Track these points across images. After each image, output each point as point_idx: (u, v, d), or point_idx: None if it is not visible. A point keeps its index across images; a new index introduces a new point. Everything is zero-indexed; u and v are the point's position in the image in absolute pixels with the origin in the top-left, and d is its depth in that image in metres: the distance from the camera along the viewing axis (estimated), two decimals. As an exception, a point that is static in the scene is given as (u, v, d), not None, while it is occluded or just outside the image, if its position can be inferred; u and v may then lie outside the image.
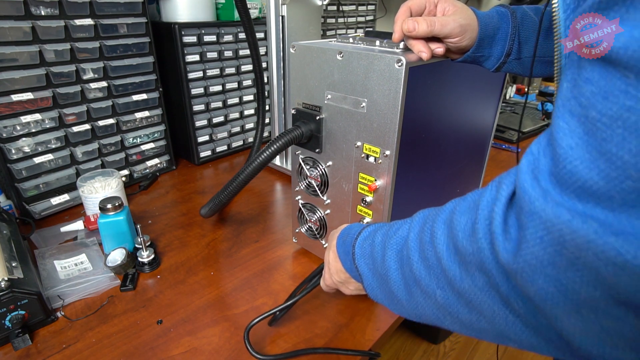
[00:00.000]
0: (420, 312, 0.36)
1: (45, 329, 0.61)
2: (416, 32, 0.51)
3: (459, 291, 0.30)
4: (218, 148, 1.22)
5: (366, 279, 0.43)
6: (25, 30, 0.77)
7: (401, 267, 0.37)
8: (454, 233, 0.30)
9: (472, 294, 0.29)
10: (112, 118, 0.96)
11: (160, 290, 0.69)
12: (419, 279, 0.34)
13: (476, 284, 0.29)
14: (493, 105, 0.89)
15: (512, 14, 0.55)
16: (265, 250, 0.81)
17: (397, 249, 0.38)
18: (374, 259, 0.41)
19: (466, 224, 0.29)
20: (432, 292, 0.33)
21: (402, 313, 0.39)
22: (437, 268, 0.32)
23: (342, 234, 0.50)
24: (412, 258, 0.34)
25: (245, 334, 0.56)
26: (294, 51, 0.64)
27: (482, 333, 0.31)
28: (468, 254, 0.29)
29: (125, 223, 0.74)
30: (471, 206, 0.30)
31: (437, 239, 0.32)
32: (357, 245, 0.45)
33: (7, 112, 0.79)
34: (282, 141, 0.63)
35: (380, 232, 0.42)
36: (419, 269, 0.34)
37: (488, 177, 1.14)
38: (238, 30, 1.14)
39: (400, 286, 0.37)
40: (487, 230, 0.27)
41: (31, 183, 0.85)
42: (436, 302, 0.33)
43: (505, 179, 0.28)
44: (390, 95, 0.54)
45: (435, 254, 0.32)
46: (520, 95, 2.04)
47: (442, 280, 0.32)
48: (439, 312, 0.33)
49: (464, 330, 0.33)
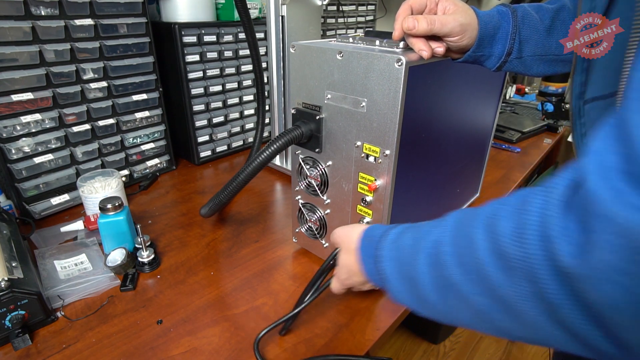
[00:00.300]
0: (454, 316, 0.35)
1: (45, 329, 0.61)
2: (416, 30, 0.51)
3: (500, 298, 0.29)
4: (218, 148, 1.22)
5: (391, 282, 0.42)
6: (25, 30, 0.77)
7: (433, 271, 0.36)
8: (497, 239, 0.29)
9: (515, 302, 0.28)
10: (112, 118, 0.96)
11: (160, 290, 0.69)
12: (454, 284, 0.33)
13: (520, 291, 0.28)
14: (493, 105, 0.89)
15: (512, 13, 0.55)
16: (265, 250, 0.81)
17: (428, 252, 0.37)
18: (402, 262, 0.40)
19: (512, 229, 0.28)
20: (469, 298, 0.32)
21: (433, 316, 0.39)
22: (476, 274, 0.31)
23: (365, 236, 0.49)
24: (447, 263, 0.33)
25: (255, 345, 0.56)
26: (294, 51, 0.64)
27: (520, 339, 0.31)
28: (515, 260, 0.27)
29: (125, 223, 0.74)
30: (515, 210, 0.28)
31: (477, 244, 0.30)
32: (383, 248, 0.43)
33: (7, 112, 0.79)
34: (282, 141, 0.63)
35: (408, 234, 0.41)
36: (456, 274, 0.32)
37: (488, 176, 1.14)
38: (238, 30, 1.14)
39: (432, 290, 0.36)
40: (539, 235, 0.26)
41: (31, 183, 0.85)
42: (473, 308, 0.32)
43: (557, 181, 0.26)
44: (390, 94, 0.54)
45: (475, 259, 0.31)
46: (520, 95, 2.04)
47: (482, 287, 0.30)
48: (475, 317, 0.33)
49: (500, 335, 0.32)
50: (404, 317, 0.68)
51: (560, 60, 0.56)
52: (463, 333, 1.73)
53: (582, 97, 0.46)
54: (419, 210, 0.74)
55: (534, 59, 0.56)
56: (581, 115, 0.46)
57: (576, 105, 0.46)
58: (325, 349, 0.59)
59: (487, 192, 1.06)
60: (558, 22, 0.54)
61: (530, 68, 0.57)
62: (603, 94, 0.43)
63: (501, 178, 1.15)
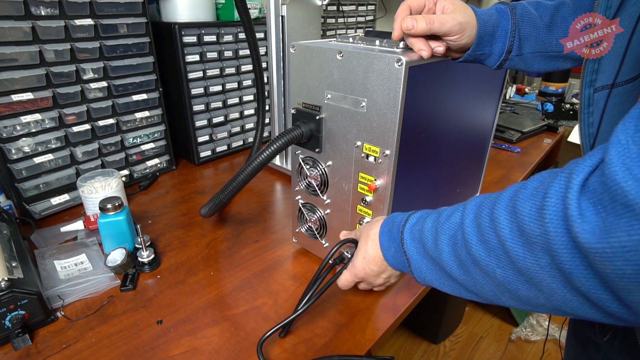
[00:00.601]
0: (478, 289, 0.39)
1: (45, 329, 0.61)
2: (415, 30, 0.51)
3: (520, 270, 0.33)
4: (218, 148, 1.22)
5: (415, 262, 0.46)
6: (25, 30, 0.77)
7: (455, 250, 0.39)
8: (519, 218, 0.32)
9: (534, 272, 0.32)
10: (112, 118, 0.96)
11: (160, 290, 0.69)
12: (478, 259, 0.36)
13: (539, 263, 0.31)
14: (493, 105, 0.89)
15: (511, 11, 0.55)
16: (265, 250, 0.81)
17: (450, 233, 0.40)
18: (424, 243, 0.44)
19: (531, 209, 0.31)
20: (492, 272, 0.35)
21: (455, 291, 0.42)
22: (498, 249, 0.34)
23: (386, 223, 0.52)
24: (470, 241, 0.37)
25: (259, 347, 0.56)
26: (294, 51, 0.64)
27: (538, 307, 0.34)
28: (534, 236, 0.31)
29: (125, 223, 0.74)
30: (534, 193, 0.32)
31: (499, 224, 0.34)
32: (405, 232, 0.47)
33: (7, 112, 0.79)
34: (282, 141, 0.63)
35: (430, 219, 0.44)
36: (478, 250, 0.36)
37: (488, 176, 1.14)
38: (238, 30, 1.14)
39: (454, 267, 0.40)
40: (558, 215, 0.29)
41: (31, 183, 0.85)
42: (495, 280, 0.35)
43: (577, 169, 0.29)
44: (390, 94, 0.54)
45: (497, 236, 0.34)
46: (520, 95, 2.04)
47: (504, 261, 0.34)
48: (497, 289, 0.36)
49: (520, 305, 0.36)
50: (404, 317, 0.68)
51: (560, 56, 0.56)
52: (463, 333, 1.73)
53: (593, 85, 0.46)
54: (419, 210, 0.74)
55: (534, 55, 0.56)
56: (590, 103, 0.47)
57: (586, 94, 0.47)
58: (325, 349, 0.59)
59: (487, 192, 1.05)
60: (558, 18, 0.55)
61: (531, 65, 0.57)
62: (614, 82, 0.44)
63: (501, 178, 1.15)
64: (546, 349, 1.64)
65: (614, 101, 0.45)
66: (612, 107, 0.45)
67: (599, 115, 0.46)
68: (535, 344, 1.67)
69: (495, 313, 1.83)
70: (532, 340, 1.68)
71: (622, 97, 0.44)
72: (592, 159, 0.29)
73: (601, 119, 0.46)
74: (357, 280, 0.57)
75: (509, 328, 1.75)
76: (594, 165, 0.28)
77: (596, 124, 0.47)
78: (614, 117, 0.45)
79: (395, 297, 0.69)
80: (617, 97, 0.44)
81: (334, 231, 0.71)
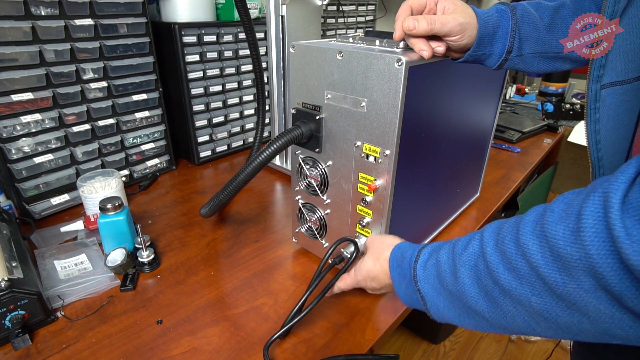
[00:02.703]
0: (508, 321, 0.36)
1: (45, 329, 0.61)
2: (416, 30, 0.51)
3: (560, 295, 0.31)
4: (218, 148, 1.22)
5: (430, 300, 0.43)
6: (25, 30, 0.77)
7: (478, 281, 0.37)
8: (551, 242, 0.31)
9: (577, 297, 0.30)
10: (112, 118, 0.96)
11: (160, 290, 0.69)
12: (508, 289, 0.34)
13: (582, 287, 0.30)
14: (493, 105, 0.89)
15: (512, 11, 0.55)
16: (265, 250, 0.81)
17: (470, 264, 0.38)
18: (442, 278, 0.42)
19: (564, 232, 0.30)
20: (526, 300, 0.33)
21: (478, 326, 0.40)
22: (531, 276, 0.33)
23: (395, 257, 0.51)
24: (496, 270, 0.35)
25: (265, 351, 0.57)
26: (293, 51, 0.64)
27: (581, 334, 0.33)
28: (573, 260, 0.29)
29: (125, 223, 0.74)
30: (564, 216, 0.31)
31: (528, 250, 0.32)
32: (418, 268, 0.45)
33: (7, 112, 0.79)
34: (282, 141, 0.63)
35: (444, 251, 0.43)
36: (507, 280, 0.34)
37: (488, 176, 1.14)
38: (238, 30, 1.14)
39: (479, 299, 0.38)
40: (599, 236, 0.28)
41: (31, 183, 0.85)
42: (530, 309, 0.34)
43: (612, 187, 0.28)
44: (390, 94, 0.54)
45: (528, 263, 0.33)
46: (520, 95, 2.04)
47: (539, 288, 0.32)
48: (532, 319, 0.34)
49: (559, 334, 0.34)
50: (404, 317, 0.68)
51: (560, 57, 0.56)
52: (463, 333, 1.73)
53: (600, 81, 0.46)
54: (419, 210, 0.74)
55: (534, 56, 0.56)
56: (596, 99, 0.46)
57: (592, 89, 0.47)
58: (325, 349, 0.59)
59: (487, 192, 1.06)
60: (558, 19, 0.55)
61: (531, 65, 0.57)
62: (622, 79, 0.44)
63: (501, 178, 1.15)
64: (546, 349, 1.64)
65: (621, 98, 0.44)
66: (619, 104, 0.45)
67: (606, 111, 0.46)
68: (535, 344, 1.67)
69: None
70: (532, 341, 1.68)
71: (630, 94, 0.44)
72: (625, 174, 0.28)
73: (607, 116, 0.46)
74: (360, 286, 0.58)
75: (509, 328, 1.75)
76: (629, 180, 0.28)
77: (602, 121, 0.46)
78: (621, 114, 0.45)
79: (395, 297, 0.69)
80: (624, 94, 0.44)
81: (334, 231, 0.71)
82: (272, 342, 0.57)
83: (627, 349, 0.49)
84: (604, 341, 0.32)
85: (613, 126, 0.46)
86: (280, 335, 0.58)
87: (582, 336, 0.33)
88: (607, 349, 0.53)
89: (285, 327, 0.57)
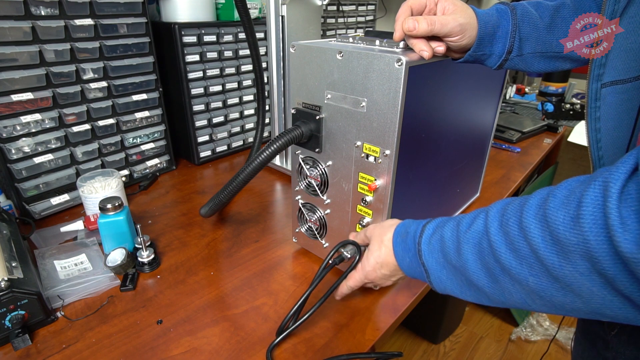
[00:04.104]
0: (506, 297, 0.38)
1: (45, 329, 0.61)
2: (417, 31, 0.51)
3: (556, 277, 0.33)
4: (218, 148, 1.22)
5: (434, 273, 0.46)
6: (25, 30, 0.77)
7: (481, 258, 0.39)
8: (551, 226, 0.32)
9: (572, 279, 0.32)
10: (112, 118, 0.96)
11: (160, 290, 0.69)
12: (508, 268, 0.36)
13: (577, 270, 0.31)
14: (493, 105, 0.89)
15: (512, 11, 0.55)
16: (265, 250, 0.81)
17: (474, 241, 0.40)
18: (446, 253, 0.43)
19: (565, 218, 0.31)
20: (524, 280, 0.35)
21: (478, 299, 0.42)
22: (530, 258, 0.34)
23: (399, 233, 0.52)
24: (498, 249, 0.37)
25: (268, 353, 0.57)
26: (293, 51, 0.64)
27: (574, 312, 0.35)
28: (571, 244, 0.31)
29: (125, 223, 0.74)
30: (565, 202, 0.32)
31: (530, 232, 0.34)
32: (422, 243, 0.47)
33: (7, 112, 0.79)
34: (282, 141, 0.63)
35: (448, 227, 0.44)
36: (508, 259, 0.36)
37: (488, 176, 1.14)
38: (238, 30, 1.14)
39: (481, 275, 0.39)
40: (597, 223, 0.29)
41: (31, 183, 0.85)
42: (527, 287, 0.35)
43: (612, 177, 0.29)
44: (390, 94, 0.54)
45: (528, 245, 0.34)
46: (520, 95, 2.04)
47: (537, 269, 0.34)
48: (528, 296, 0.36)
49: (552, 310, 0.36)
50: (404, 317, 0.68)
51: (561, 57, 0.56)
52: (463, 333, 1.73)
53: (600, 80, 0.46)
54: (419, 210, 0.74)
55: (534, 56, 0.56)
56: (597, 98, 0.47)
57: (593, 88, 0.47)
58: (325, 349, 0.59)
59: (487, 192, 1.06)
60: (558, 19, 0.55)
61: (532, 65, 0.58)
62: (623, 78, 0.44)
63: (501, 178, 1.15)
64: (546, 349, 1.64)
65: (622, 97, 0.44)
66: (620, 103, 0.45)
67: (606, 110, 0.46)
68: (535, 344, 1.67)
69: (495, 313, 1.83)
70: (532, 340, 1.68)
71: (631, 93, 0.44)
72: (625, 165, 0.29)
73: (608, 114, 0.46)
74: (367, 282, 0.58)
75: (509, 328, 1.75)
76: (628, 171, 0.29)
77: (603, 119, 0.47)
78: (621, 113, 0.45)
79: (395, 297, 0.69)
80: (625, 93, 0.44)
81: (334, 231, 0.71)
82: (261, 339, 0.57)
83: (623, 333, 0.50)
84: (594, 318, 0.34)
85: (613, 125, 0.46)
86: (282, 337, 0.58)
87: (574, 313, 0.35)
88: (608, 346, 0.53)
89: (290, 329, 0.57)
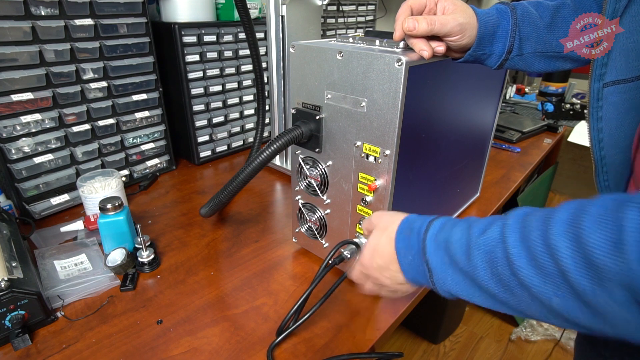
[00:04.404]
0: (523, 307, 0.36)
1: (45, 329, 0.61)
2: (416, 30, 0.51)
3: (587, 303, 0.30)
4: (218, 148, 1.22)
5: (438, 273, 0.42)
6: (25, 30, 0.77)
7: (492, 268, 0.36)
8: (586, 250, 0.29)
9: (606, 306, 0.29)
10: (112, 118, 0.96)
11: (160, 290, 0.69)
12: (528, 285, 0.33)
13: (614, 299, 0.28)
14: (493, 105, 0.89)
15: (512, 11, 0.55)
16: (265, 250, 0.81)
17: (486, 249, 0.37)
18: (452, 255, 0.40)
19: (604, 243, 0.28)
20: (546, 299, 0.33)
21: (489, 305, 0.39)
22: (557, 278, 0.31)
23: (403, 229, 0.48)
24: (517, 263, 0.34)
25: (269, 352, 0.57)
26: (293, 51, 0.64)
27: (597, 332, 0.32)
28: (610, 272, 0.28)
29: (125, 223, 0.74)
30: (601, 222, 0.29)
31: (559, 252, 0.31)
32: (428, 239, 0.43)
33: (7, 112, 0.79)
34: (282, 141, 0.63)
35: (457, 229, 0.41)
36: (529, 275, 0.33)
37: (488, 176, 1.14)
38: (238, 30, 1.14)
39: (492, 284, 0.37)
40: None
41: (31, 183, 0.85)
42: (549, 307, 0.33)
43: None
44: (390, 94, 0.54)
45: (556, 265, 0.31)
46: (520, 95, 2.04)
47: (565, 290, 0.31)
48: (550, 313, 0.33)
49: (572, 327, 0.33)
50: (404, 317, 0.68)
51: (561, 57, 0.56)
52: (463, 333, 1.73)
53: (602, 79, 0.46)
54: (419, 210, 0.74)
55: (534, 56, 0.56)
56: (599, 98, 0.46)
57: (594, 87, 0.46)
58: (325, 349, 0.59)
59: (487, 192, 1.06)
60: (558, 19, 0.55)
61: (532, 65, 0.57)
62: (625, 77, 0.44)
63: (501, 178, 1.15)
64: (546, 349, 1.64)
65: (624, 97, 0.44)
66: (622, 103, 0.45)
67: (608, 110, 0.46)
68: (535, 344, 1.67)
69: (496, 313, 1.83)
70: (532, 340, 1.68)
71: (633, 93, 0.44)
72: None
73: (610, 114, 0.46)
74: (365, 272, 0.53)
75: (509, 328, 1.75)
76: None
77: (605, 119, 0.46)
78: (623, 113, 0.45)
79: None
80: (627, 92, 0.44)
81: (334, 231, 0.71)
82: (261, 339, 0.57)
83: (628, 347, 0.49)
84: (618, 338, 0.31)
85: (616, 125, 0.46)
86: (283, 337, 0.58)
87: (596, 334, 0.32)
88: (608, 346, 0.53)
89: (291, 329, 0.57)
